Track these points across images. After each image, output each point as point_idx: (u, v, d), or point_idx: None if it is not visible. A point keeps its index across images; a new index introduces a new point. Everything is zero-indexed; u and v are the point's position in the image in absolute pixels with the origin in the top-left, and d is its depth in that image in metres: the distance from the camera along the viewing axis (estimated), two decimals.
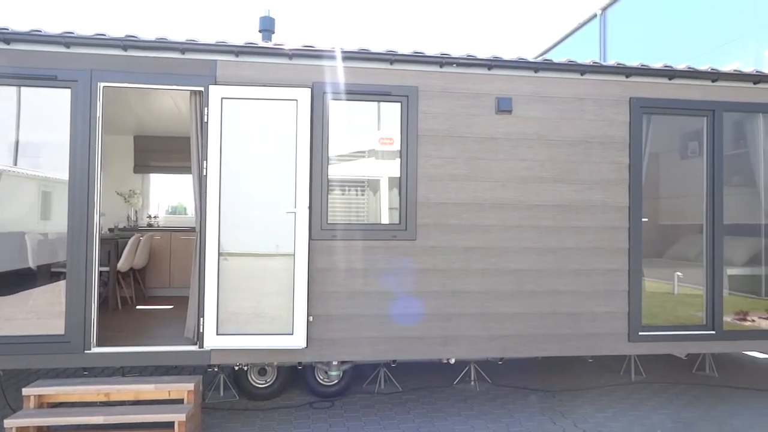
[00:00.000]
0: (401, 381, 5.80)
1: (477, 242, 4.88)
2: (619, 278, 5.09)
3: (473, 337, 4.86)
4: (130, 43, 4.41)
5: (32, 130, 4.46)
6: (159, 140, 8.73)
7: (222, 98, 4.53)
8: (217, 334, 4.48)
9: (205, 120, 4.52)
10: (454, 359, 4.92)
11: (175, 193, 9.75)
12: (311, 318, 4.63)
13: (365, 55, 4.71)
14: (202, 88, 4.55)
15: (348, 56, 4.70)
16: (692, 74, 5.14)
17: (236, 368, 5.01)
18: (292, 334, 4.55)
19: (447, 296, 4.82)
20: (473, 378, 5.78)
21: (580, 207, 5.04)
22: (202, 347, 4.48)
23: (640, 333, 5.08)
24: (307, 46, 4.63)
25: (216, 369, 5.19)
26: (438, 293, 4.81)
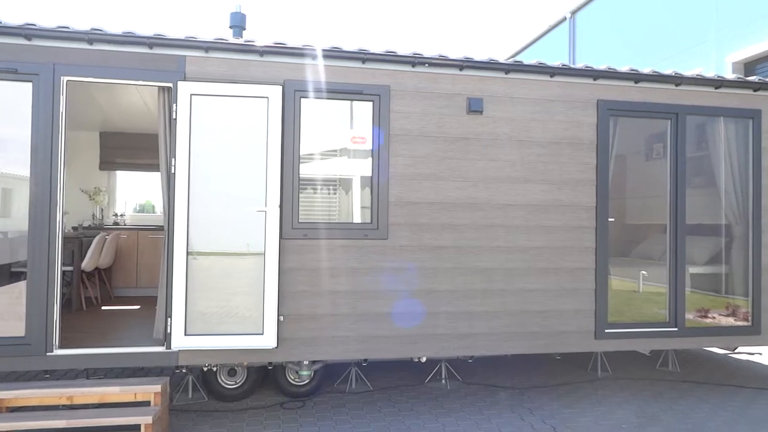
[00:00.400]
0: (372, 380, 5.80)
1: (448, 241, 4.91)
2: (587, 277, 5.19)
3: (444, 336, 4.89)
4: (95, 37, 4.30)
5: None
6: (126, 137, 8.54)
7: (191, 95, 4.45)
8: (186, 335, 4.40)
9: (174, 117, 4.43)
10: (425, 358, 4.94)
11: (143, 191, 9.55)
12: (282, 318, 4.60)
13: (337, 54, 4.69)
14: (171, 84, 4.46)
15: (320, 54, 4.67)
16: (657, 78, 5.28)
17: (205, 369, 4.93)
18: (263, 334, 4.51)
19: (418, 295, 4.84)
20: (444, 376, 5.83)
21: (550, 207, 5.13)
22: (170, 348, 4.40)
23: (607, 330, 5.20)
24: (279, 43, 4.59)
25: (184, 370, 5.10)
26: (409, 292, 4.83)
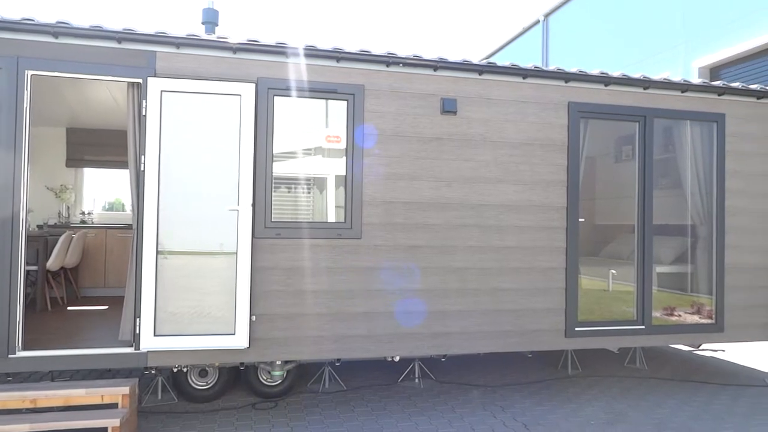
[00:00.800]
0: (346, 379, 5.79)
1: (422, 241, 4.93)
2: (557, 276, 5.27)
3: (417, 335, 4.91)
4: (62, 30, 4.18)
5: None
6: (94, 133, 8.33)
7: (161, 91, 4.37)
8: (155, 336, 4.32)
9: (144, 113, 4.34)
10: (399, 357, 4.95)
11: (113, 189, 9.33)
12: (254, 317, 4.55)
13: (311, 52, 4.66)
14: (141, 80, 4.37)
15: (294, 52, 4.64)
16: (626, 81, 5.39)
17: (175, 370, 4.85)
18: (235, 334, 4.45)
19: (391, 294, 4.85)
20: (417, 375, 5.85)
21: (522, 207, 5.19)
22: (139, 349, 4.31)
23: (576, 329, 5.29)
24: (252, 41, 4.54)
25: (153, 371, 5.01)
26: (382, 291, 4.83)
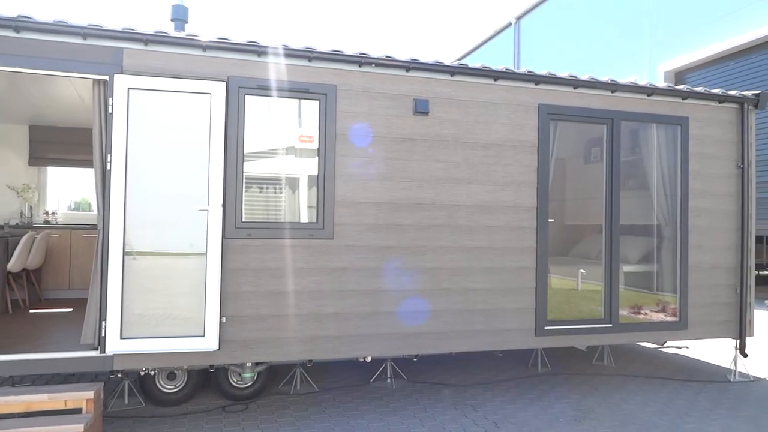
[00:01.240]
0: (318, 380, 5.76)
1: (394, 241, 4.94)
2: (527, 276, 5.34)
3: (389, 335, 4.91)
4: (23, 25, 4.05)
5: None
6: (58, 131, 8.10)
7: (129, 88, 4.27)
8: (122, 338, 4.23)
9: (110, 111, 4.24)
10: (371, 357, 4.95)
11: (79, 188, 9.08)
12: (224, 319, 4.49)
13: (283, 51, 4.62)
14: (107, 77, 4.27)
15: (265, 51, 4.59)
16: (594, 84, 5.50)
17: (142, 373, 4.75)
18: (204, 336, 4.39)
19: (363, 295, 4.85)
20: (390, 375, 5.86)
21: (493, 207, 5.25)
22: (104, 352, 4.21)
23: (546, 327, 5.37)
24: (223, 39, 4.48)
25: (120, 375, 4.89)
26: (354, 292, 4.82)
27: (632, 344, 7.61)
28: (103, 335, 4.20)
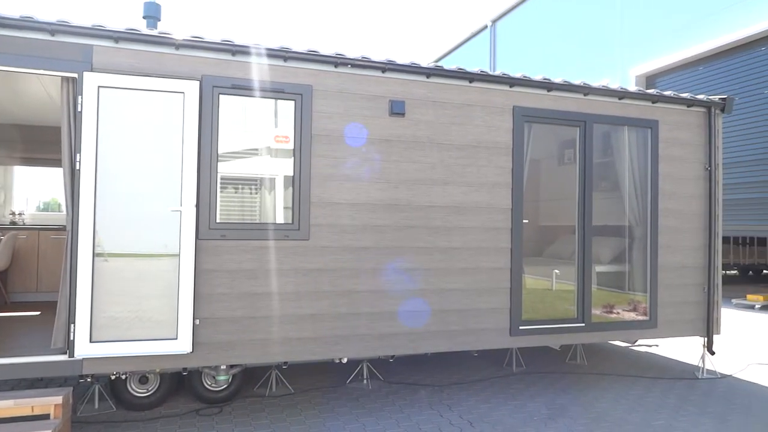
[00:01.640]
0: (293, 382, 5.72)
1: (369, 242, 4.94)
2: (502, 276, 5.40)
3: (364, 336, 4.91)
4: None
5: None
6: (26, 129, 7.89)
7: (99, 86, 4.19)
8: (91, 342, 4.14)
9: (79, 109, 4.15)
10: (347, 358, 4.94)
11: (48, 188, 8.85)
12: (198, 321, 4.43)
13: (258, 50, 4.59)
14: (76, 75, 4.18)
15: (240, 50, 4.55)
16: (567, 87, 5.58)
17: (113, 377, 4.66)
18: (177, 339, 4.32)
19: (339, 296, 4.83)
20: (366, 376, 5.85)
21: (468, 208, 5.28)
22: (73, 356, 4.11)
23: (521, 327, 5.43)
24: (197, 37, 4.42)
25: (89, 379, 4.79)
26: (330, 293, 4.81)
27: (604, 343, 7.74)
28: (72, 338, 4.11)
